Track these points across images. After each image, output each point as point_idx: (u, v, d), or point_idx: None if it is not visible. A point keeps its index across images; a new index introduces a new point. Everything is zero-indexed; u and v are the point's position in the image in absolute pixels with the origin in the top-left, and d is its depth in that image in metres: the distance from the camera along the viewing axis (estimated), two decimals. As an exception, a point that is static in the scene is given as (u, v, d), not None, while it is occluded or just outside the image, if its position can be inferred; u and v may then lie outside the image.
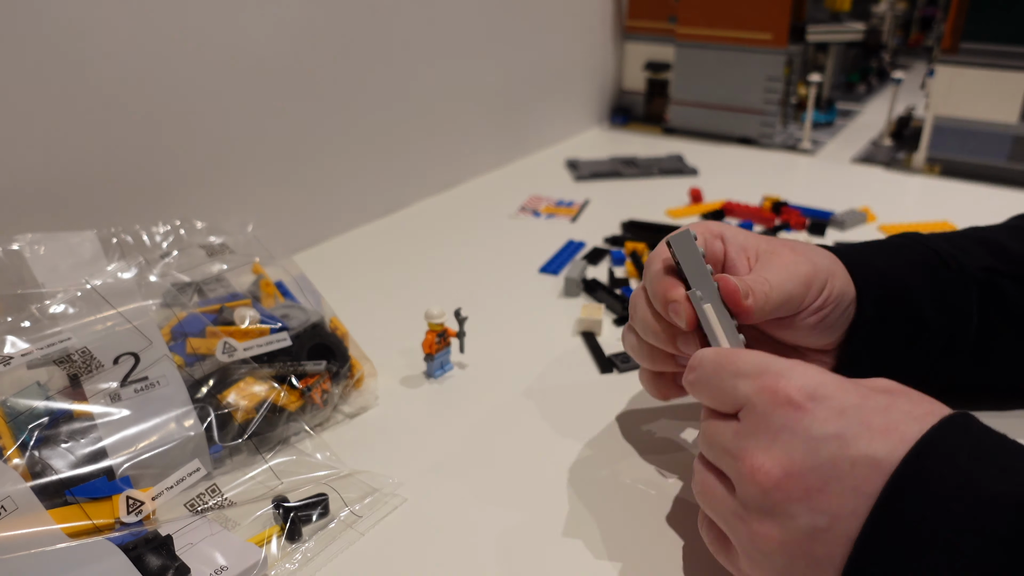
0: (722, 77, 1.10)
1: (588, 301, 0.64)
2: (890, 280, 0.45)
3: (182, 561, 0.35)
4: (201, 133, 0.64)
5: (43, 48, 0.52)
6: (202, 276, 0.51)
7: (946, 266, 0.46)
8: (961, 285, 0.46)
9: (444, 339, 0.53)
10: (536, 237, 0.78)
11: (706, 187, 0.91)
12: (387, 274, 0.70)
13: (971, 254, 0.47)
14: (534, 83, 1.04)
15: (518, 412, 0.50)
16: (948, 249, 0.47)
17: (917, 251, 0.47)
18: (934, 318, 0.46)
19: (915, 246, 0.48)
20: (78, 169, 0.56)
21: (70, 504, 0.38)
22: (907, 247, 0.48)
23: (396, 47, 0.80)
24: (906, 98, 1.31)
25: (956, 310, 0.46)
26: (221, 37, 0.63)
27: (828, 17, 1.23)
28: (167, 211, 0.62)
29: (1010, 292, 0.46)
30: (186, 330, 0.47)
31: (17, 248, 0.46)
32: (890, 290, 0.45)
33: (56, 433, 0.40)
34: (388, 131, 0.82)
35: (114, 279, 0.47)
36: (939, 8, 1.41)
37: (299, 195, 0.74)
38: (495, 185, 0.95)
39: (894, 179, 0.98)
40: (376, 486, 0.43)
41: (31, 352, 0.41)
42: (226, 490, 0.41)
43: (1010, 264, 0.47)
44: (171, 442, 0.41)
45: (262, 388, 0.46)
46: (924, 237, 0.49)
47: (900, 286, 0.45)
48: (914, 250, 0.47)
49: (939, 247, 0.47)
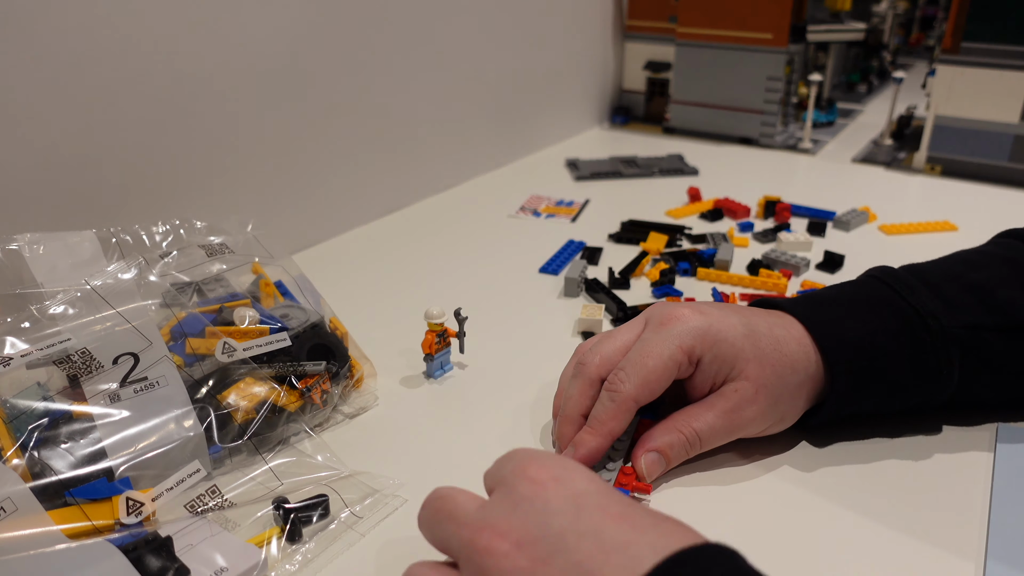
0: (722, 77, 1.10)
1: (588, 301, 0.64)
2: (862, 352, 0.44)
3: (182, 562, 0.35)
4: (201, 133, 0.63)
5: (43, 48, 0.52)
6: (201, 276, 0.51)
7: (926, 328, 0.44)
8: (942, 348, 0.44)
9: (444, 339, 0.53)
10: (536, 237, 0.78)
11: (706, 187, 0.91)
12: (387, 274, 0.70)
13: (956, 308, 0.45)
14: (534, 83, 1.04)
15: (518, 412, 0.50)
16: (929, 305, 0.45)
17: (895, 310, 0.45)
18: (911, 383, 0.44)
19: (893, 302, 0.45)
20: (78, 169, 0.56)
21: (70, 505, 0.38)
22: (883, 305, 0.45)
23: (396, 47, 0.80)
24: (907, 98, 1.31)
25: (934, 372, 0.44)
26: (221, 37, 0.63)
27: (829, 17, 1.23)
28: (167, 211, 0.62)
29: (994, 345, 0.44)
30: (186, 330, 0.47)
31: (16, 248, 0.46)
32: (864, 366, 0.44)
33: (56, 434, 0.40)
34: (388, 131, 0.82)
35: (114, 279, 0.47)
36: (940, 8, 1.41)
37: (299, 195, 0.74)
38: (495, 185, 0.95)
39: (895, 179, 0.97)
40: (377, 487, 0.43)
41: (31, 353, 0.41)
42: (226, 491, 0.41)
43: (996, 315, 0.45)
44: (171, 443, 0.41)
45: (262, 388, 0.46)
46: (902, 285, 0.46)
47: (875, 358, 0.44)
48: (891, 309, 0.45)
49: (919, 303, 0.45)
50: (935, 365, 0.44)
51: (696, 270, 0.69)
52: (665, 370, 0.42)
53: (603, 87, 1.21)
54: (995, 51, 0.90)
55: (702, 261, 0.70)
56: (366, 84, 0.77)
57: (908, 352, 0.44)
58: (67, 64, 0.53)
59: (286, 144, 0.71)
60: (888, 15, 1.53)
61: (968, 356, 0.44)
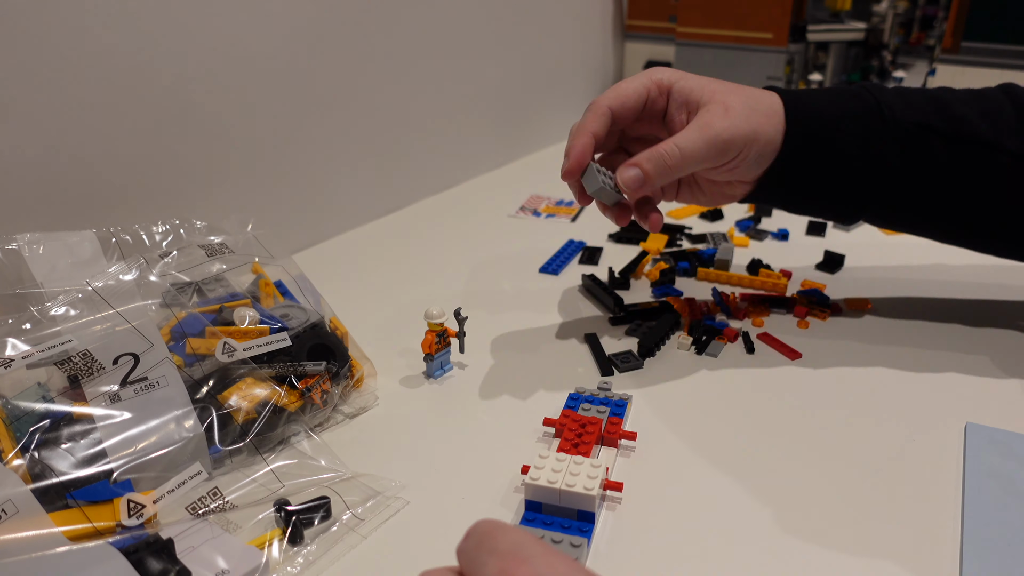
0: (723, 76, 1.09)
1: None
2: (821, 123, 0.49)
3: (183, 564, 0.35)
4: (201, 133, 0.63)
5: (43, 48, 0.52)
6: (201, 276, 0.51)
7: (881, 116, 0.49)
8: (889, 137, 0.49)
9: (444, 339, 0.53)
10: (536, 237, 0.78)
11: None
12: (387, 274, 0.70)
13: (913, 108, 0.50)
14: (534, 83, 1.04)
15: (518, 412, 0.50)
16: (892, 101, 0.50)
17: (860, 100, 0.50)
18: (856, 163, 0.49)
19: (862, 95, 0.51)
20: (78, 169, 0.56)
21: (71, 507, 0.38)
22: (854, 97, 0.51)
23: (396, 47, 0.79)
24: (906, 97, 1.31)
25: (878, 159, 0.49)
26: (221, 37, 0.63)
27: (829, 16, 1.23)
28: (167, 211, 0.61)
29: (937, 151, 0.49)
30: (186, 330, 0.47)
31: (16, 248, 0.46)
32: (817, 131, 0.49)
33: (57, 435, 0.40)
34: (388, 131, 0.82)
35: (115, 280, 0.47)
36: (940, 7, 1.41)
37: (299, 195, 0.74)
38: (495, 185, 0.95)
39: (894, 179, 0.97)
40: (378, 489, 0.42)
41: (32, 354, 0.41)
42: (227, 493, 0.41)
43: (946, 123, 0.49)
44: (171, 444, 0.41)
45: (262, 389, 0.45)
46: (877, 88, 0.52)
47: (829, 129, 0.49)
48: (858, 99, 0.51)
49: (885, 98, 0.50)
50: (879, 148, 0.49)
51: (696, 270, 0.69)
52: (635, 91, 0.50)
53: (603, 87, 1.21)
54: (995, 51, 0.90)
55: (702, 261, 0.70)
56: (366, 84, 0.77)
57: (861, 133, 0.49)
58: (67, 64, 0.53)
59: (286, 144, 0.71)
60: (888, 15, 1.53)
61: (911, 151, 0.49)
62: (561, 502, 0.40)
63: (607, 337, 0.59)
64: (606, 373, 0.54)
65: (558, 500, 0.40)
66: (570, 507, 0.39)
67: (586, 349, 0.57)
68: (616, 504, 0.42)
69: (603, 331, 0.59)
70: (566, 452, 0.43)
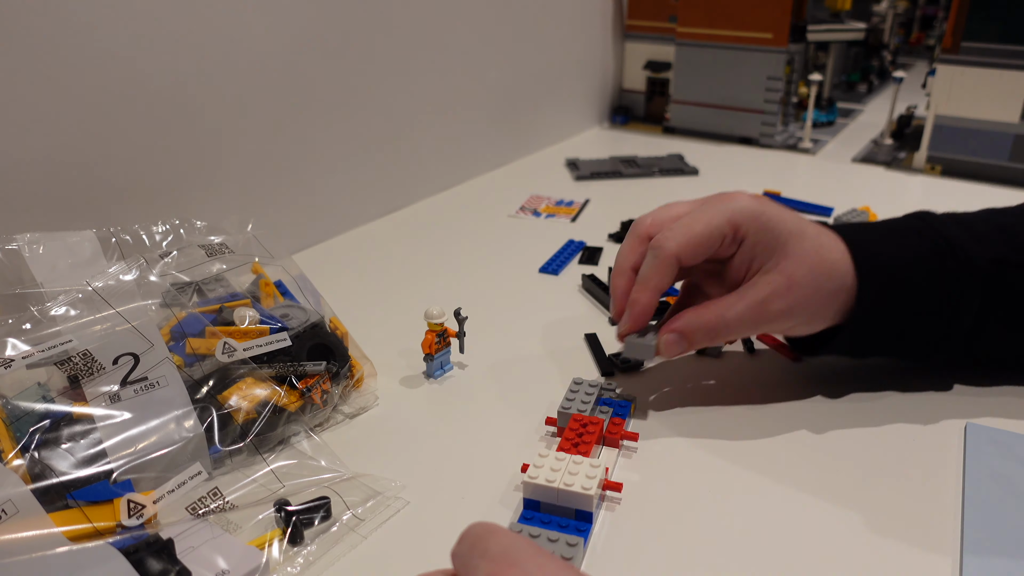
0: (723, 77, 1.10)
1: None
2: (890, 273, 0.46)
3: (183, 565, 0.35)
4: (201, 133, 0.63)
5: (43, 48, 0.52)
6: (201, 276, 0.51)
7: (954, 257, 0.46)
8: (966, 276, 0.46)
9: (444, 339, 0.53)
10: (536, 237, 0.78)
11: (706, 187, 0.90)
12: (387, 274, 0.70)
13: (984, 243, 0.47)
14: (534, 83, 1.04)
15: (518, 412, 0.50)
16: (960, 237, 0.47)
17: (927, 239, 0.47)
18: (933, 308, 0.46)
19: (927, 232, 0.48)
20: (78, 169, 0.56)
21: (71, 507, 0.38)
22: (917, 234, 0.48)
23: (396, 47, 0.79)
24: (907, 97, 1.31)
25: (957, 303, 0.46)
26: (221, 37, 0.63)
27: (829, 16, 1.23)
28: (166, 211, 0.61)
29: (1016, 283, 0.47)
30: (186, 330, 0.46)
31: (16, 247, 0.46)
32: (892, 281, 0.46)
33: (57, 436, 0.40)
34: (388, 131, 0.82)
35: (115, 280, 0.47)
36: (940, 7, 1.41)
37: (299, 195, 0.74)
38: (495, 185, 0.95)
39: (895, 178, 0.97)
40: (379, 489, 0.42)
41: (32, 355, 0.41)
42: (227, 493, 0.41)
43: (1021, 253, 0.47)
44: (171, 444, 0.41)
45: (262, 389, 0.45)
46: (939, 221, 0.49)
47: (899, 279, 0.46)
48: (924, 238, 0.48)
49: (952, 234, 0.47)
50: (958, 292, 0.46)
51: (697, 270, 0.69)
52: (709, 236, 0.44)
53: (603, 87, 1.21)
54: (995, 51, 0.90)
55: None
56: (366, 84, 0.77)
57: (935, 277, 0.46)
58: (67, 64, 0.53)
59: (286, 144, 0.71)
60: (888, 15, 1.53)
61: (990, 289, 0.46)
62: (559, 501, 0.40)
63: (607, 337, 0.59)
64: (606, 373, 0.54)
65: (556, 499, 0.40)
66: (568, 506, 0.39)
67: (586, 349, 0.57)
68: (616, 504, 0.42)
69: (603, 331, 0.59)
70: (566, 451, 0.43)
